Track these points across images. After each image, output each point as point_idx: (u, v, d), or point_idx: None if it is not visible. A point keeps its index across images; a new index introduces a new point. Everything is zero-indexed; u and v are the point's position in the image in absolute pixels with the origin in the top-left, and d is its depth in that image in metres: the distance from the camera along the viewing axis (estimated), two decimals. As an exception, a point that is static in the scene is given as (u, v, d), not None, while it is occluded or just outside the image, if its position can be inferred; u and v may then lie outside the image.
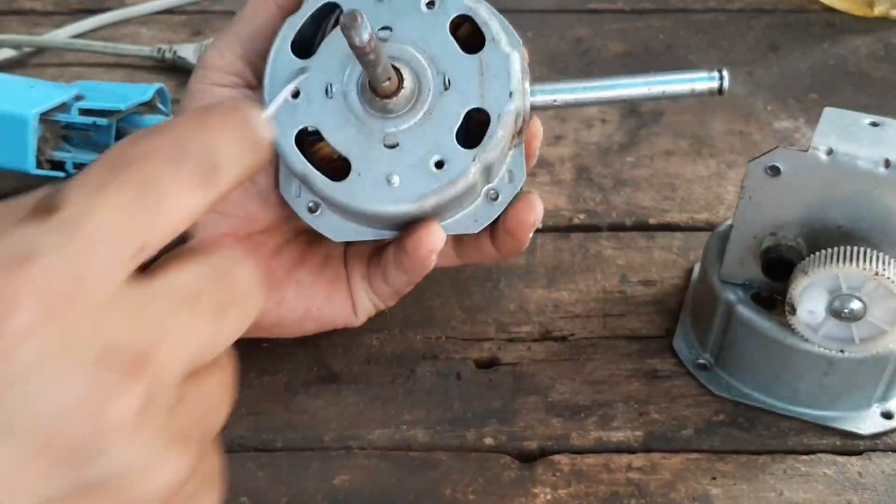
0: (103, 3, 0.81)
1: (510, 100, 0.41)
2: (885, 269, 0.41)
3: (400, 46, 0.41)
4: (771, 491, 0.43)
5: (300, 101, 0.41)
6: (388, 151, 0.41)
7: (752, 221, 0.45)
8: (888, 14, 0.78)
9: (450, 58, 0.41)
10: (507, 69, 0.41)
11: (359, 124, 0.41)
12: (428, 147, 0.41)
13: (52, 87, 0.57)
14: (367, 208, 0.41)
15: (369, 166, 0.41)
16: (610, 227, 0.59)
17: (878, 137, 0.43)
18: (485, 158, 0.41)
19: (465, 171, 0.41)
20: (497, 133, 0.41)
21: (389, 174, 0.41)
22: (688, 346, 0.50)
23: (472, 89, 0.41)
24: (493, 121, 0.41)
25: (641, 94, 0.44)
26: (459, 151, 0.41)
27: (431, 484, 0.44)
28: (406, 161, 0.41)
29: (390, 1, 0.41)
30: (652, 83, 0.43)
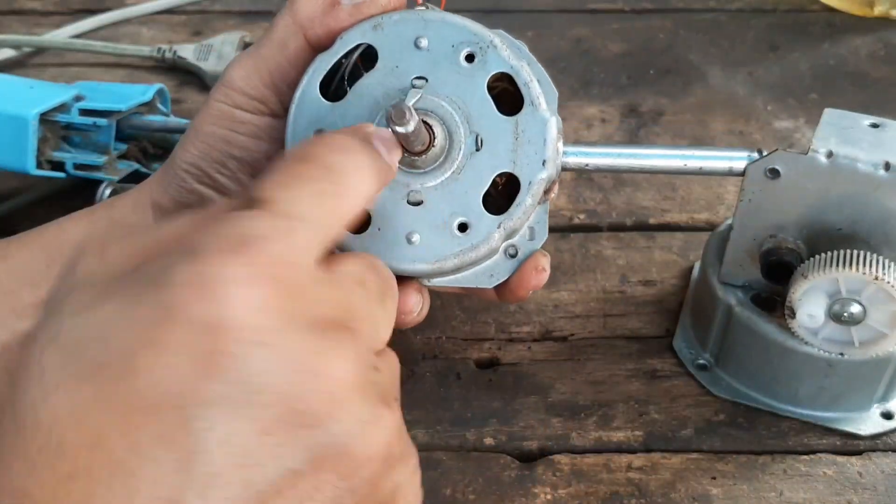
0: (103, 3, 0.81)
1: (543, 168, 0.39)
2: (885, 273, 0.41)
3: (434, 100, 0.39)
4: (771, 491, 0.43)
5: None
6: (411, 208, 0.39)
7: (752, 224, 0.45)
8: (888, 14, 0.78)
9: (485, 117, 0.39)
10: (544, 136, 0.39)
11: None
12: (453, 208, 0.39)
13: (52, 88, 0.57)
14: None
15: (390, 223, 0.39)
16: (610, 227, 0.59)
17: (878, 139, 0.43)
18: (510, 226, 0.40)
19: (489, 238, 0.39)
20: (526, 202, 0.39)
21: (410, 233, 0.39)
22: (688, 346, 0.50)
23: (505, 152, 0.39)
24: (524, 188, 0.39)
25: (676, 167, 0.43)
26: (485, 216, 0.39)
27: (431, 483, 0.44)
28: (429, 220, 0.39)
29: (429, 50, 0.39)
30: (689, 157, 0.43)
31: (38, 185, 0.59)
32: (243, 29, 0.76)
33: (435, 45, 0.39)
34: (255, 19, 0.80)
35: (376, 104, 0.39)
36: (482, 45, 0.39)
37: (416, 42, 0.39)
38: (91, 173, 0.56)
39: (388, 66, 0.39)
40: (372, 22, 0.39)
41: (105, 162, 0.56)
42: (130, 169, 0.58)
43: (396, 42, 0.39)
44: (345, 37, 0.39)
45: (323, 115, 0.40)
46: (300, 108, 0.40)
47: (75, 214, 0.44)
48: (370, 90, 0.39)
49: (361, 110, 0.39)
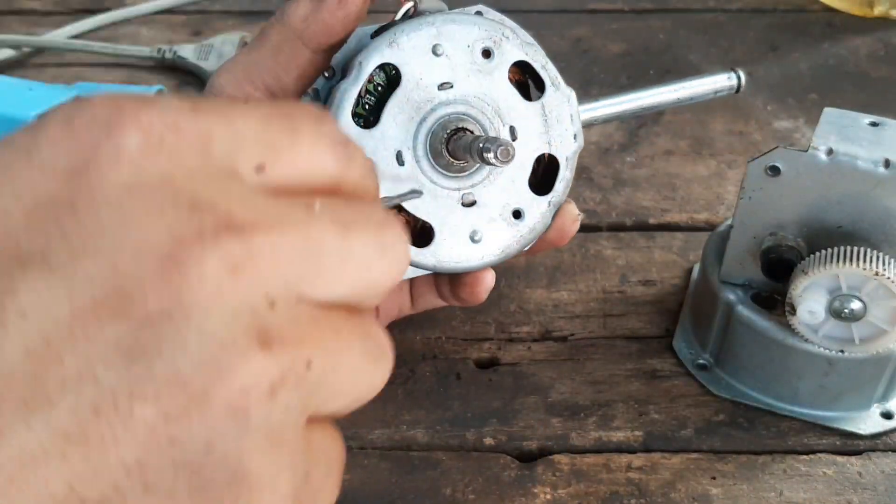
0: (103, 3, 0.81)
1: (574, 142, 0.42)
2: (886, 269, 0.41)
3: (465, 102, 0.40)
4: (771, 491, 0.43)
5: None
6: (467, 210, 0.41)
7: (752, 222, 0.45)
8: (888, 14, 0.78)
9: (513, 107, 0.41)
10: (570, 112, 0.42)
11: (435, 189, 0.41)
12: (504, 199, 0.42)
13: (50, 90, 0.57)
14: (455, 267, 0.42)
15: (452, 229, 0.41)
16: (610, 227, 0.59)
17: (878, 137, 0.43)
18: (557, 201, 0.43)
19: (543, 218, 0.42)
20: (567, 176, 0.42)
21: (473, 233, 0.41)
22: (688, 346, 0.50)
23: (539, 136, 0.42)
24: (563, 164, 0.42)
25: (671, 99, 0.46)
26: (535, 199, 0.42)
27: (431, 484, 0.44)
28: (486, 216, 0.41)
29: (447, 56, 0.40)
30: (679, 90, 0.46)
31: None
32: (243, 29, 0.76)
33: (451, 50, 0.40)
34: (255, 19, 0.80)
35: (410, 120, 0.40)
36: (495, 38, 0.40)
37: (434, 50, 0.40)
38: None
39: (411, 81, 0.40)
40: (386, 39, 0.39)
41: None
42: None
43: (415, 55, 0.39)
44: (362, 61, 0.39)
45: (362, 142, 0.40)
46: None
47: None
48: (401, 108, 0.40)
49: (398, 129, 0.40)
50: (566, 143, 0.42)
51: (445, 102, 0.40)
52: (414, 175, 0.40)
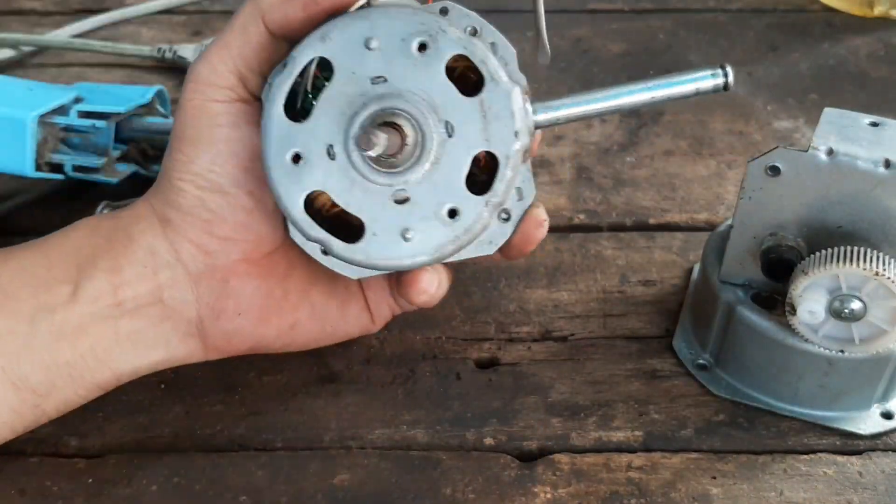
0: (103, 2, 0.81)
1: (516, 139, 0.40)
2: (886, 269, 0.41)
3: (397, 97, 0.39)
4: (771, 491, 0.43)
5: (303, 166, 0.40)
6: (399, 207, 0.40)
7: (752, 222, 0.45)
8: (888, 14, 0.78)
9: (450, 103, 0.39)
10: (510, 108, 0.40)
11: (366, 183, 0.40)
12: (439, 197, 0.40)
13: (51, 90, 0.57)
14: (386, 265, 0.41)
15: (383, 225, 0.40)
16: (610, 227, 0.59)
17: (878, 138, 0.43)
18: (496, 202, 0.41)
19: (479, 217, 0.40)
20: (506, 175, 0.40)
21: (405, 230, 0.40)
22: (688, 346, 0.50)
23: (477, 133, 0.40)
24: (502, 163, 0.40)
25: (646, 100, 0.43)
26: (471, 199, 0.40)
27: (431, 483, 0.44)
28: (419, 214, 0.40)
29: (380, 49, 0.39)
30: (655, 88, 0.42)
31: (37, 184, 0.59)
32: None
33: (385, 43, 0.39)
34: (255, 20, 0.80)
35: (342, 114, 0.40)
36: (431, 32, 0.39)
37: (367, 44, 0.39)
38: (90, 175, 0.56)
39: (344, 74, 0.39)
40: (319, 34, 0.39)
41: (104, 164, 0.56)
42: (129, 171, 0.58)
43: (347, 48, 0.39)
44: (296, 55, 0.40)
45: (294, 135, 0.40)
46: (270, 134, 0.40)
47: (79, 223, 0.44)
48: (333, 102, 0.40)
49: (329, 123, 0.40)
50: (506, 141, 0.40)
51: (378, 97, 0.39)
52: (345, 169, 0.40)
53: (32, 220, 0.59)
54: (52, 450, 0.45)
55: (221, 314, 0.44)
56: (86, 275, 0.42)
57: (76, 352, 0.42)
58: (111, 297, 0.42)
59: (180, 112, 0.42)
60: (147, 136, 0.58)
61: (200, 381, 0.48)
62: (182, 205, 0.42)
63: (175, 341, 0.44)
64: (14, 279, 0.42)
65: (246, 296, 0.44)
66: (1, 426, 0.42)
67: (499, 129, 0.40)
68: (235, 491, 0.43)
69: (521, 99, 0.40)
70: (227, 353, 0.46)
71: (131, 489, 0.43)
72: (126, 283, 0.42)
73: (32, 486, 0.44)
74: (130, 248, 0.42)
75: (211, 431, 0.46)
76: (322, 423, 0.47)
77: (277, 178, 0.40)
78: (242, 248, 0.43)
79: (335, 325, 0.47)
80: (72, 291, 0.41)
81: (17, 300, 0.41)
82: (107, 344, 0.42)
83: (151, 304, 0.43)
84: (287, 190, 0.40)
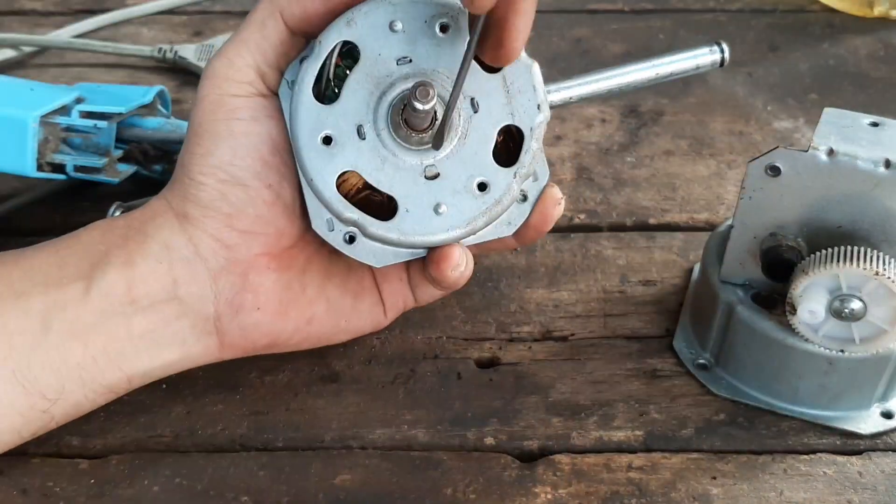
0: (104, 3, 0.81)
1: (539, 111, 0.42)
2: (886, 269, 0.41)
3: (424, 75, 0.41)
4: (771, 490, 0.43)
5: (334, 147, 0.41)
6: (431, 183, 0.41)
7: (752, 222, 0.45)
8: (888, 14, 0.79)
9: (474, 80, 0.41)
10: (532, 82, 0.42)
11: (397, 161, 0.41)
12: (468, 171, 0.41)
13: (52, 90, 0.57)
14: (421, 241, 0.42)
15: (415, 201, 0.41)
16: (610, 227, 0.59)
17: (878, 138, 0.43)
18: (524, 173, 0.42)
19: (509, 188, 0.42)
20: (532, 147, 0.42)
21: (437, 205, 0.41)
22: (688, 346, 0.50)
23: (501, 107, 0.41)
24: (527, 135, 0.42)
25: (650, 76, 0.45)
26: (500, 171, 0.42)
27: (432, 483, 0.44)
28: (450, 189, 0.41)
29: (404, 31, 0.41)
30: (658, 65, 0.45)
31: (39, 184, 0.59)
32: (243, 30, 0.76)
33: (409, 26, 0.41)
34: (256, 20, 0.80)
35: (370, 94, 0.41)
36: (452, 13, 0.41)
37: (391, 26, 0.41)
38: (91, 175, 0.56)
39: (371, 57, 0.41)
40: (344, 19, 0.41)
41: (105, 164, 0.56)
42: (131, 171, 0.58)
43: (372, 32, 0.41)
44: (322, 40, 0.41)
45: (323, 118, 0.41)
46: (300, 117, 0.41)
47: (93, 224, 0.44)
48: (361, 83, 0.41)
49: (358, 104, 0.41)
50: (530, 114, 0.42)
51: (404, 76, 0.41)
52: (375, 148, 0.41)
53: (34, 221, 0.59)
54: (54, 450, 0.45)
55: (240, 309, 0.43)
56: (99, 271, 0.41)
57: (88, 352, 0.41)
58: (125, 292, 0.41)
59: (197, 107, 0.42)
60: (148, 136, 0.58)
61: (202, 381, 0.48)
62: (202, 198, 0.42)
63: (191, 340, 0.43)
64: (25, 278, 0.41)
65: (265, 290, 0.44)
66: (9, 431, 0.41)
67: (522, 103, 0.42)
68: (237, 491, 0.43)
69: (539, 73, 0.42)
70: (242, 350, 0.45)
71: (133, 489, 0.44)
72: (140, 279, 0.42)
73: (34, 486, 0.44)
74: (145, 243, 0.42)
75: (212, 431, 0.46)
76: (323, 422, 0.47)
77: (309, 160, 0.41)
78: (263, 242, 0.43)
79: (349, 319, 0.47)
80: (84, 288, 0.41)
81: (29, 299, 0.41)
82: (120, 343, 0.42)
83: (166, 300, 0.42)
84: (320, 171, 0.41)
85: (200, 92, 0.42)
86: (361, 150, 0.41)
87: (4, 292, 0.41)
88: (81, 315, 0.41)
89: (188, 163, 0.42)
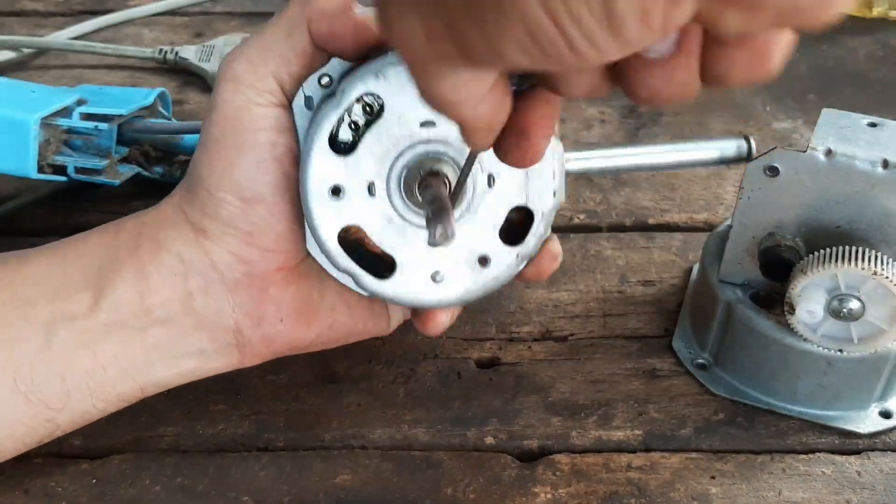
0: (105, 4, 0.82)
1: (553, 198, 0.41)
2: (884, 269, 0.41)
3: (445, 142, 0.39)
4: (770, 490, 0.44)
5: (343, 200, 0.40)
6: (432, 250, 0.41)
7: (751, 222, 0.46)
8: (886, 15, 0.79)
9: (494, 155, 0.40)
10: (553, 168, 0.41)
11: (402, 223, 0.41)
12: (472, 244, 0.41)
13: (53, 92, 0.58)
14: (412, 303, 0.42)
15: (414, 266, 0.41)
16: (610, 227, 0.59)
17: (876, 138, 0.43)
18: (526, 254, 0.42)
19: (509, 268, 0.42)
20: (540, 231, 0.41)
21: (435, 273, 0.41)
22: (687, 346, 0.50)
23: (517, 187, 0.41)
24: (537, 219, 0.41)
25: (672, 161, 0.45)
26: (503, 249, 0.41)
27: (432, 483, 0.44)
28: (451, 258, 0.41)
29: None
30: (681, 150, 0.45)
31: (40, 185, 0.60)
32: (245, 30, 0.77)
33: None
34: (257, 21, 0.80)
35: (387, 153, 0.40)
36: None
37: None
38: (92, 177, 0.56)
39: (394, 115, 0.39)
40: (373, 69, 0.39)
41: (106, 166, 0.56)
42: (132, 172, 0.58)
43: (399, 89, 0.39)
44: (346, 87, 0.39)
45: (335, 169, 0.40)
46: (312, 163, 0.39)
47: (101, 227, 0.43)
48: (380, 140, 0.39)
49: (373, 160, 0.40)
50: (544, 199, 0.41)
51: (425, 141, 0.39)
52: (383, 208, 0.40)
53: (35, 222, 0.59)
54: (55, 450, 0.45)
55: (262, 320, 0.42)
56: (108, 282, 0.40)
57: (97, 361, 0.40)
58: (138, 304, 0.40)
59: (217, 112, 0.40)
60: (149, 137, 0.59)
61: (203, 381, 0.48)
62: (222, 216, 0.40)
63: (210, 350, 0.42)
64: (29, 284, 0.40)
65: (286, 302, 0.42)
66: (11, 439, 0.41)
67: (539, 186, 0.41)
68: (238, 491, 0.44)
69: (563, 157, 0.41)
70: (265, 358, 0.44)
71: (135, 489, 0.44)
72: (153, 290, 0.40)
73: (36, 486, 0.44)
74: (158, 254, 0.41)
75: (213, 431, 0.46)
76: (324, 422, 0.47)
77: (315, 209, 0.40)
78: (283, 259, 0.42)
79: (366, 321, 0.46)
80: (93, 299, 0.40)
81: (33, 307, 0.40)
82: (133, 353, 0.41)
83: (182, 313, 0.41)
84: (323, 221, 0.40)
85: (220, 95, 0.40)
86: (369, 207, 0.40)
87: (7, 298, 0.40)
88: (90, 326, 0.40)
89: (206, 175, 0.40)
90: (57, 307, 0.40)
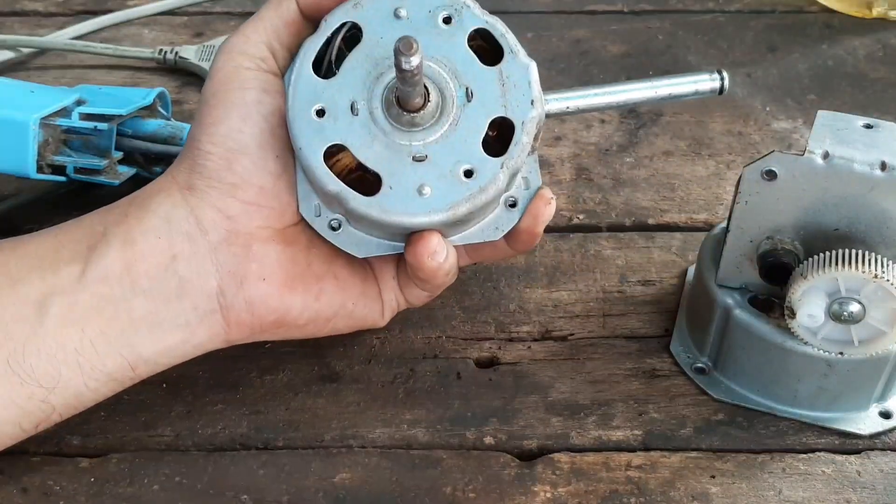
0: (105, 4, 0.81)
1: (532, 107, 0.42)
2: (885, 272, 0.41)
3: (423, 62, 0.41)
4: (770, 490, 0.44)
5: (326, 120, 0.41)
6: (417, 164, 0.41)
7: (749, 226, 0.45)
8: (886, 15, 0.79)
9: (471, 70, 0.42)
10: (528, 78, 0.42)
11: (386, 140, 0.41)
12: (456, 157, 0.42)
13: (53, 92, 0.58)
14: (401, 221, 0.42)
15: (400, 180, 0.41)
16: (609, 227, 0.59)
17: (873, 140, 0.43)
18: (512, 165, 0.42)
19: (495, 178, 0.42)
20: (522, 140, 0.42)
21: (421, 186, 0.41)
22: (685, 350, 0.50)
23: (495, 99, 0.42)
24: (518, 128, 0.42)
25: (648, 96, 0.46)
26: (488, 160, 0.42)
27: (432, 482, 0.44)
28: (436, 172, 0.41)
29: (408, 19, 0.42)
30: (658, 86, 0.45)
31: (39, 185, 0.60)
32: (244, 30, 0.76)
33: (413, 14, 0.42)
34: (256, 21, 0.80)
35: (368, 74, 0.42)
36: (456, 6, 0.42)
37: (396, 13, 0.42)
38: (92, 177, 0.56)
39: (373, 39, 0.42)
40: (352, 2, 0.42)
41: (106, 165, 0.56)
42: (131, 172, 0.58)
43: (377, 16, 0.42)
44: (328, 19, 0.42)
45: (319, 91, 0.42)
46: (297, 90, 0.42)
47: (96, 210, 0.44)
48: (360, 63, 0.42)
49: (355, 81, 0.42)
50: (523, 108, 0.42)
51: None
52: (367, 125, 0.42)
53: (35, 221, 0.59)
54: (54, 448, 0.45)
55: (244, 280, 0.43)
56: (96, 253, 0.41)
57: (85, 336, 0.41)
58: (124, 274, 0.41)
59: (211, 79, 0.43)
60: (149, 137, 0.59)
61: (202, 380, 0.49)
62: (208, 168, 0.42)
63: (194, 322, 0.43)
64: (22, 264, 0.41)
65: (270, 260, 0.43)
66: (8, 423, 0.41)
67: (516, 97, 0.42)
68: (237, 490, 0.44)
69: (536, 72, 0.42)
70: (250, 330, 0.44)
71: (133, 488, 0.44)
72: (139, 257, 0.41)
73: (35, 484, 0.44)
74: (145, 218, 0.42)
75: (212, 430, 0.46)
76: (323, 422, 0.47)
77: (300, 130, 0.41)
78: (265, 215, 0.43)
79: (356, 302, 0.46)
80: (81, 271, 0.41)
81: (26, 284, 0.40)
82: (119, 326, 0.41)
83: (166, 279, 0.42)
84: (309, 142, 0.41)
85: (214, 65, 0.43)
86: (352, 126, 0.41)
87: (3, 281, 0.41)
88: (79, 299, 0.41)
89: (196, 133, 0.43)
90: (48, 282, 0.41)
